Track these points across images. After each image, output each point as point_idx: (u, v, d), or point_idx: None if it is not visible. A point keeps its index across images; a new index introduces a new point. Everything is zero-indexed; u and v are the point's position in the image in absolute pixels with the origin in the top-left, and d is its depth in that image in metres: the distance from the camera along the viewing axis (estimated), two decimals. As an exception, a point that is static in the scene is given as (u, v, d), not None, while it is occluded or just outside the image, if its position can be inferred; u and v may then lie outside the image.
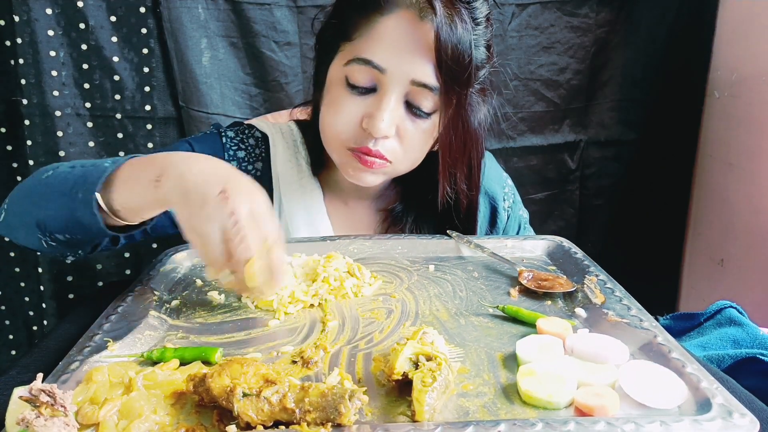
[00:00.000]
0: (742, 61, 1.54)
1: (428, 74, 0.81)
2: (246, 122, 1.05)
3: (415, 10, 0.80)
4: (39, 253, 1.48)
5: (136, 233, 0.78)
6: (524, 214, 1.13)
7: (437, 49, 0.79)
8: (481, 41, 0.85)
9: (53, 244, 0.76)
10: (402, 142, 0.86)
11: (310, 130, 0.98)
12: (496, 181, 1.08)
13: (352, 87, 0.83)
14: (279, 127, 1.02)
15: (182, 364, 0.56)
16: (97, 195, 0.68)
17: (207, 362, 0.57)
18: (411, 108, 0.84)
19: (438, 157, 0.91)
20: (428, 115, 0.85)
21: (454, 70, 0.80)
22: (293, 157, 0.99)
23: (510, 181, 1.12)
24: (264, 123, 1.03)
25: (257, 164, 0.98)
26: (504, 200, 1.08)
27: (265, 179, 0.98)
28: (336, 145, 0.88)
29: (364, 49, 0.82)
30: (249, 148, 0.99)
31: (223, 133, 0.99)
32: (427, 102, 0.83)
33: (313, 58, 0.95)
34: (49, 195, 0.74)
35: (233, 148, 0.98)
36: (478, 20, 0.84)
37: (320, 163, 0.99)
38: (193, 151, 0.94)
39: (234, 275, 0.64)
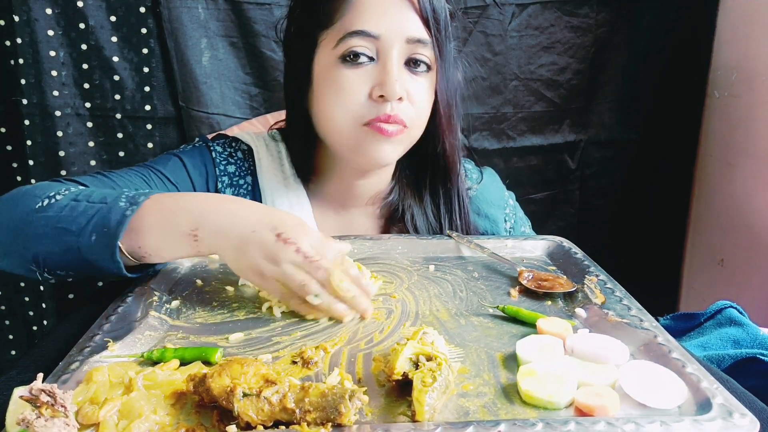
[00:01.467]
0: (742, 61, 1.54)
1: (420, 29, 0.84)
2: (231, 134, 1.03)
3: None
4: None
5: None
6: (527, 228, 1.12)
7: (421, 5, 0.83)
8: None
9: (49, 277, 0.73)
10: (412, 103, 0.86)
11: (296, 135, 0.97)
12: (497, 203, 1.08)
13: (350, 63, 0.84)
14: (263, 138, 1.00)
15: (182, 364, 0.56)
16: (120, 244, 0.67)
17: (207, 362, 0.57)
18: (410, 68, 0.86)
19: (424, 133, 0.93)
20: (425, 71, 0.87)
21: (438, 21, 0.84)
22: (278, 169, 0.97)
23: (512, 200, 1.12)
24: (248, 135, 1.00)
25: (247, 178, 0.96)
26: (506, 221, 1.08)
27: (256, 193, 0.96)
28: (349, 124, 0.85)
29: (353, 24, 0.82)
30: (239, 162, 0.97)
31: (211, 147, 0.97)
32: (424, 58, 0.86)
33: (281, 69, 0.95)
34: (50, 232, 0.70)
35: (223, 162, 0.96)
36: None
37: (309, 171, 0.98)
38: (185, 166, 0.93)
39: (324, 296, 0.66)
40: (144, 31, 1.45)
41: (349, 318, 0.68)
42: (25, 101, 1.43)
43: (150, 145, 1.53)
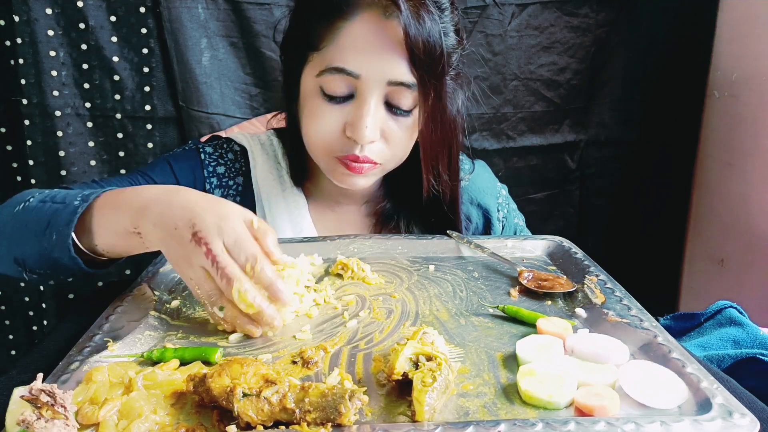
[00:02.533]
0: (742, 61, 1.54)
1: (403, 72, 0.80)
2: (225, 135, 1.03)
3: (379, 9, 0.78)
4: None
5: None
6: (520, 221, 1.12)
7: (408, 46, 0.77)
8: (450, 27, 0.84)
9: (35, 276, 0.74)
10: (388, 143, 0.85)
11: (288, 140, 0.97)
12: (490, 192, 1.08)
13: (329, 97, 0.82)
14: (258, 139, 1.01)
15: (182, 364, 0.56)
16: (74, 236, 0.68)
17: (207, 362, 0.57)
18: (391, 108, 0.84)
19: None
20: (408, 112, 0.84)
21: (428, 64, 0.79)
22: (274, 169, 0.98)
23: (504, 191, 1.11)
24: (242, 135, 1.01)
25: (238, 179, 0.97)
26: (498, 211, 1.08)
27: (247, 194, 0.97)
28: (322, 154, 0.87)
29: (335, 58, 0.80)
30: (228, 162, 0.98)
31: (201, 149, 0.98)
32: (406, 99, 0.83)
33: (280, 69, 0.94)
34: (23, 233, 0.72)
35: (212, 164, 0.97)
36: (443, 6, 0.82)
37: (303, 173, 0.98)
38: (172, 170, 0.93)
39: (228, 310, 0.62)
40: (144, 31, 1.46)
41: (258, 334, 0.63)
42: (25, 101, 1.43)
43: (150, 145, 1.53)
